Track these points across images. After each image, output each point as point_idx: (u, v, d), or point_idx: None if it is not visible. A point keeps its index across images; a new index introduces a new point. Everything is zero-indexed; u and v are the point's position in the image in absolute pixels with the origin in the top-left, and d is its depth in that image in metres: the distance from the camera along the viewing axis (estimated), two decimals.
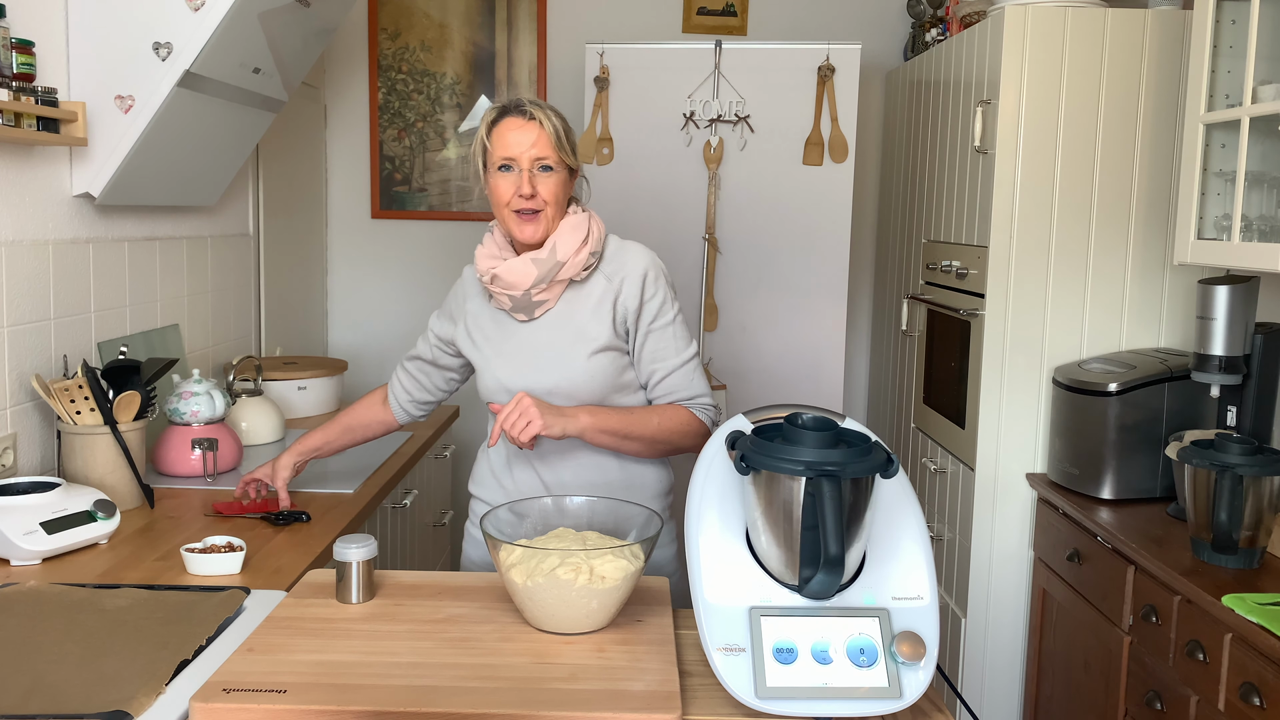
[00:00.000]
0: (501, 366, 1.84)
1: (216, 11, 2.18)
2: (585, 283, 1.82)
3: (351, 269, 3.92)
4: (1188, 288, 2.64)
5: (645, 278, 1.80)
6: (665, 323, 1.82)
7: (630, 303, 1.80)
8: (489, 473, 1.94)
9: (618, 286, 1.80)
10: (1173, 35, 2.56)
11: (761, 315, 3.24)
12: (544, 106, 1.77)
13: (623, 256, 1.83)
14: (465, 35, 3.79)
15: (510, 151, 1.74)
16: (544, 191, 1.74)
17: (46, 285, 2.17)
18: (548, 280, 1.77)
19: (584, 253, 1.78)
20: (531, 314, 1.82)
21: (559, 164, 1.76)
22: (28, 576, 1.68)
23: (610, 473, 1.86)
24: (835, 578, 1.19)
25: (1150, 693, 2.04)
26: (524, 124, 1.74)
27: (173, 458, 2.31)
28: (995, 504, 2.69)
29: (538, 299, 1.79)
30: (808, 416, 1.28)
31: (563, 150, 1.76)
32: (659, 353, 1.82)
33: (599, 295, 1.81)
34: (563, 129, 1.77)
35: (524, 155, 1.74)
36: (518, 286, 1.77)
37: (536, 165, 1.74)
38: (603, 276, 1.82)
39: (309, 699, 1.19)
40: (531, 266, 1.76)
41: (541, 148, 1.74)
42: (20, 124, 1.96)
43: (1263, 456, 1.92)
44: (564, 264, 1.77)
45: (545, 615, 1.38)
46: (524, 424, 1.67)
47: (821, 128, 3.15)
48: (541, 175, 1.75)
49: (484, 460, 1.96)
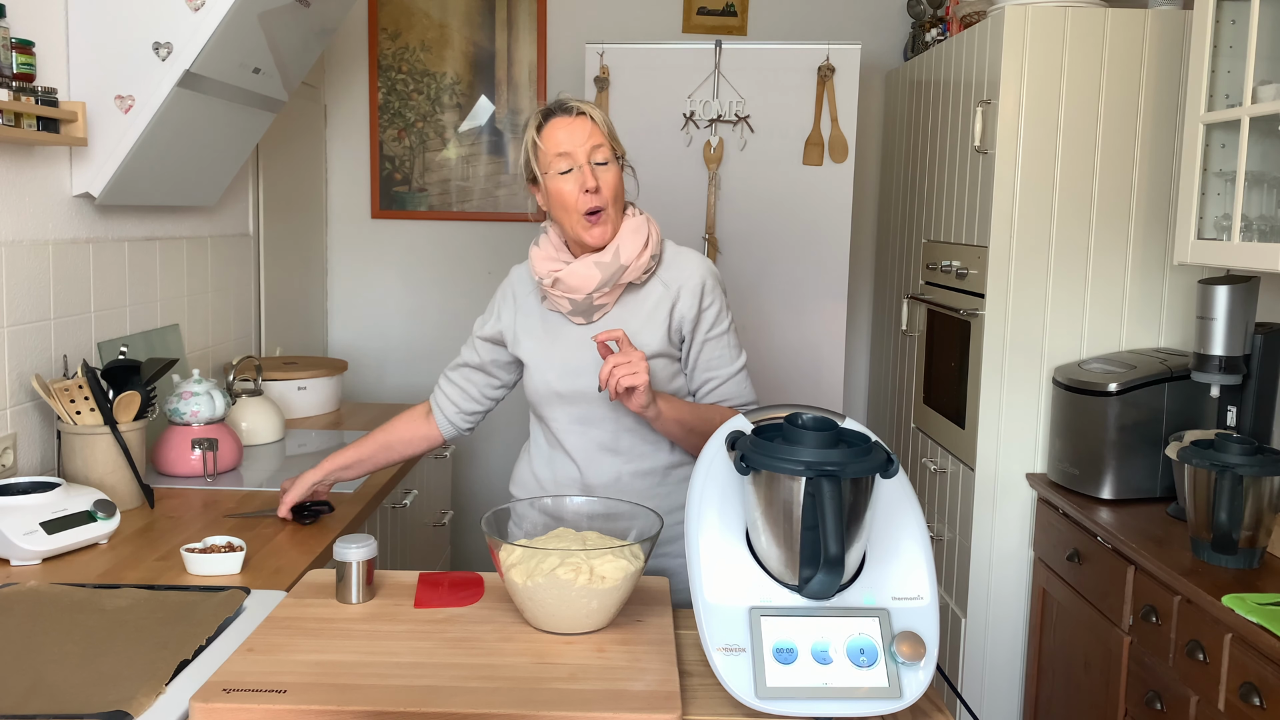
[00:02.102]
0: (553, 370, 1.81)
1: (216, 11, 2.18)
2: (642, 287, 1.81)
3: (351, 269, 3.93)
4: (1188, 288, 2.64)
5: (704, 286, 1.79)
6: (720, 331, 1.82)
7: (688, 311, 1.78)
8: (530, 474, 1.92)
9: (674, 294, 1.79)
10: (1173, 35, 2.56)
11: (761, 315, 3.24)
12: (586, 102, 1.76)
13: (680, 263, 1.82)
14: (465, 35, 3.79)
15: (565, 147, 1.71)
16: (605, 186, 1.73)
17: (46, 285, 2.17)
18: (611, 284, 1.76)
19: (645, 256, 1.77)
20: (590, 317, 1.80)
21: (610, 156, 1.75)
22: (28, 576, 1.68)
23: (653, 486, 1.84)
24: (835, 578, 1.19)
25: (1150, 693, 2.04)
26: (572, 120, 1.73)
27: (173, 458, 2.31)
28: (995, 504, 2.69)
29: (598, 302, 1.78)
30: (808, 416, 1.28)
31: (614, 140, 1.76)
32: (714, 361, 1.82)
33: (655, 301, 1.80)
34: (606, 119, 1.76)
35: (580, 150, 1.71)
36: (581, 290, 1.75)
37: (594, 158, 1.72)
38: (659, 282, 1.80)
39: (309, 699, 1.19)
40: (595, 270, 1.74)
41: (595, 139, 1.72)
42: (20, 124, 1.96)
43: (1263, 456, 1.92)
44: (627, 267, 1.75)
45: (545, 615, 1.38)
46: (631, 374, 1.62)
47: (821, 128, 3.16)
48: (600, 169, 1.73)
49: (525, 461, 1.95)
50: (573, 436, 1.83)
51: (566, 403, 1.81)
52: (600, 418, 1.81)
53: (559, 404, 1.82)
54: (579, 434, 1.82)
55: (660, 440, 1.83)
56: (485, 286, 3.78)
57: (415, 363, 3.95)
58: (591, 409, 1.81)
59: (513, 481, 1.97)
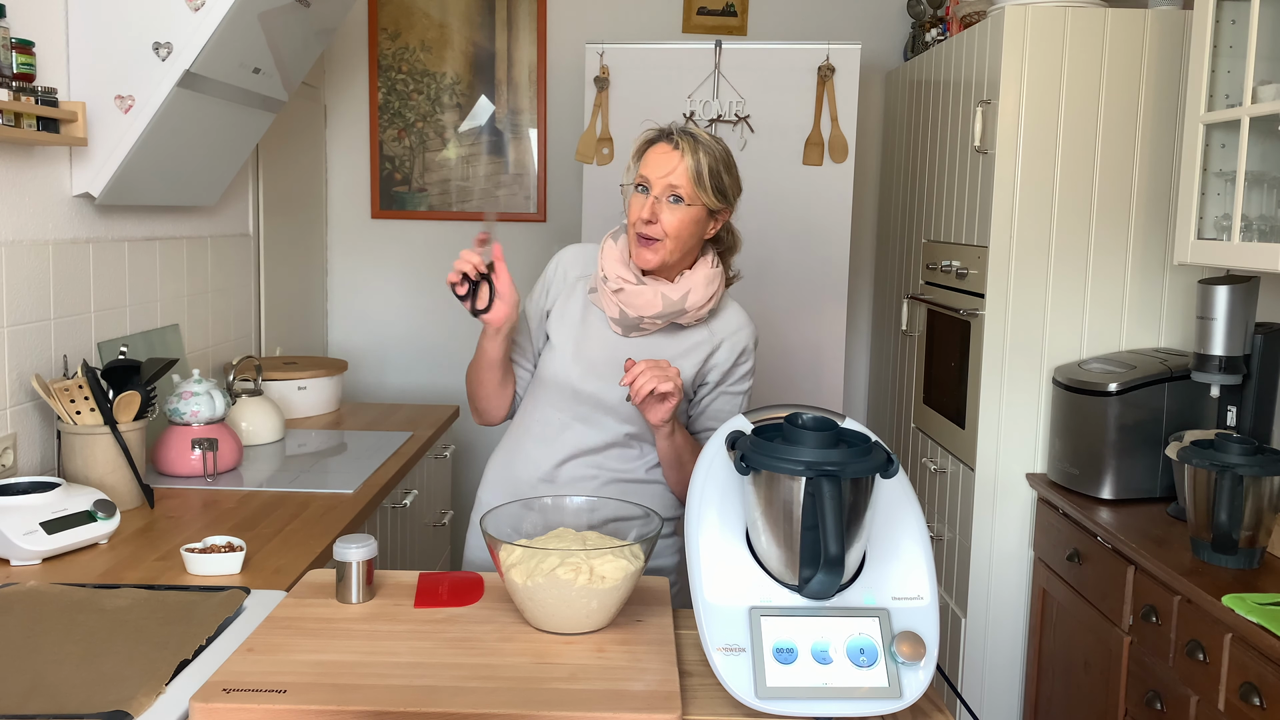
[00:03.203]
0: (578, 366, 1.82)
1: (216, 11, 2.18)
2: (688, 327, 1.84)
3: (351, 269, 3.93)
4: (1188, 288, 2.64)
5: (746, 348, 1.85)
6: (741, 390, 1.87)
7: (723, 363, 1.83)
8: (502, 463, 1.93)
9: (717, 342, 1.83)
10: (1173, 35, 2.56)
11: (761, 315, 3.24)
12: (699, 140, 1.73)
13: (729, 315, 1.86)
14: (465, 35, 3.78)
15: (648, 172, 1.73)
16: (666, 222, 1.72)
17: (46, 285, 2.17)
18: (667, 319, 1.79)
19: (705, 309, 1.80)
20: (628, 334, 1.82)
21: (692, 198, 1.72)
22: (28, 576, 1.68)
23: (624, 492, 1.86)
24: (835, 578, 1.19)
25: (1150, 693, 2.04)
26: (669, 151, 1.73)
27: (173, 458, 2.31)
28: (995, 504, 2.69)
29: (645, 327, 1.80)
30: (808, 416, 1.28)
31: (701, 188, 1.71)
32: (721, 413, 1.87)
33: (695, 341, 1.83)
34: (709, 166, 1.71)
35: (658, 181, 1.72)
36: (637, 310, 1.77)
37: (668, 194, 1.72)
38: (706, 329, 1.84)
39: (309, 699, 1.19)
40: (659, 301, 1.76)
41: (677, 177, 1.71)
42: (20, 124, 1.96)
43: (1263, 456, 1.92)
44: (688, 311, 1.78)
45: (545, 615, 1.38)
46: (664, 380, 1.63)
47: (821, 128, 3.15)
48: (670, 205, 1.72)
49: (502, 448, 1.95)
50: (562, 430, 1.84)
51: (575, 400, 1.83)
52: (598, 421, 1.83)
53: (565, 398, 1.84)
54: (568, 428, 1.84)
55: (641, 458, 1.86)
56: None
57: (415, 363, 3.95)
58: (592, 412, 1.83)
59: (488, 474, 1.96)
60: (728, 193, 1.76)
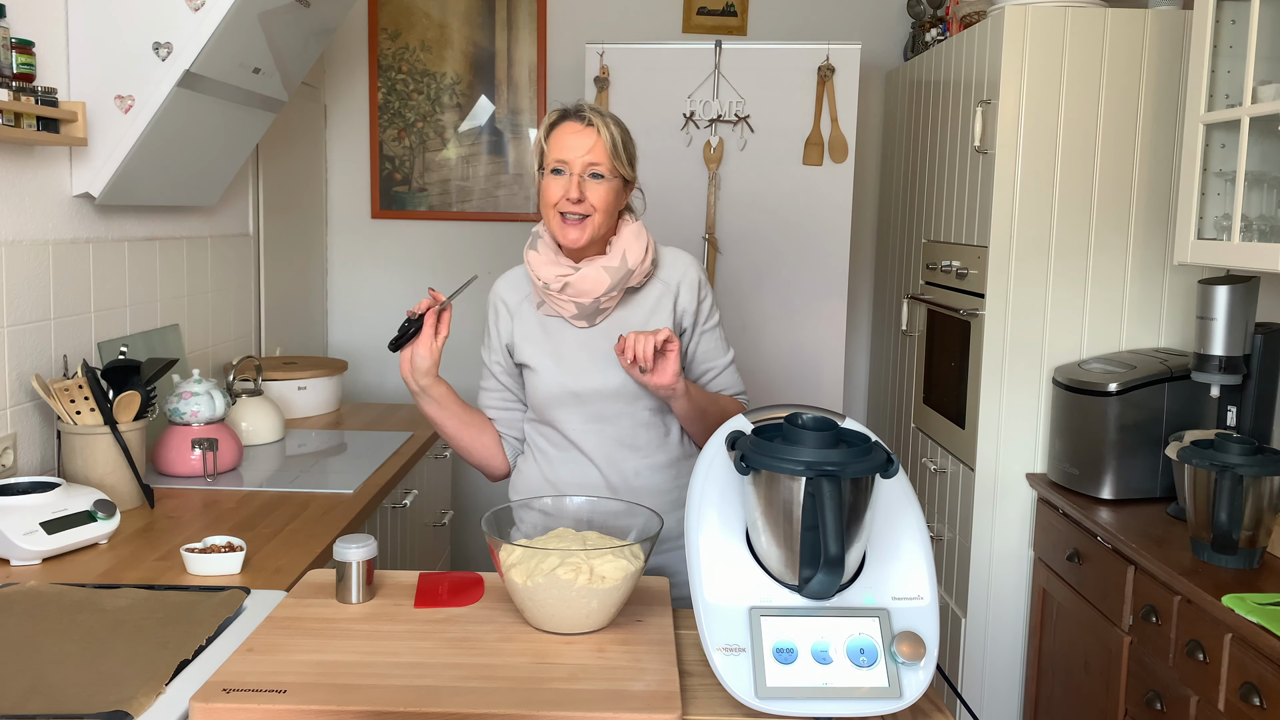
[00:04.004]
0: (565, 371, 1.82)
1: (216, 11, 2.18)
2: (641, 288, 1.85)
3: (351, 269, 3.92)
4: (1188, 288, 2.64)
5: (699, 281, 1.87)
6: (715, 323, 1.90)
7: (689, 305, 1.85)
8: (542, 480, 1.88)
9: (675, 290, 1.85)
10: (1173, 35, 2.56)
11: (761, 315, 3.24)
12: (604, 114, 1.77)
13: (672, 261, 1.88)
14: (465, 35, 3.78)
15: (564, 155, 1.74)
16: (593, 198, 1.74)
17: (46, 285, 2.17)
18: (619, 287, 1.79)
19: (648, 260, 1.81)
20: (594, 321, 1.83)
21: (612, 172, 1.76)
22: (28, 576, 1.68)
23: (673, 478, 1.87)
24: (835, 578, 1.19)
25: (1150, 693, 2.04)
26: (581, 129, 1.75)
27: (173, 458, 2.31)
28: (995, 504, 2.69)
29: (603, 306, 1.81)
30: (808, 416, 1.28)
31: (618, 159, 1.76)
32: (711, 352, 1.90)
33: (655, 298, 1.85)
34: (621, 138, 1.77)
35: (577, 160, 1.74)
36: (591, 294, 1.78)
37: (588, 171, 1.74)
38: (659, 281, 1.86)
39: (309, 699, 1.19)
40: (604, 274, 1.77)
41: (596, 154, 1.74)
42: (20, 124, 1.96)
43: (1263, 456, 1.92)
44: (633, 271, 1.79)
45: (545, 615, 1.38)
46: (647, 339, 1.64)
47: (821, 128, 3.15)
48: (592, 182, 1.74)
49: (531, 469, 1.90)
50: (590, 437, 1.84)
51: (581, 402, 1.83)
52: (616, 414, 1.83)
53: (573, 404, 1.83)
54: (595, 433, 1.83)
55: (670, 432, 1.87)
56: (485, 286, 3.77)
57: None
58: (605, 406, 1.82)
59: (519, 492, 1.92)
60: (634, 160, 1.82)
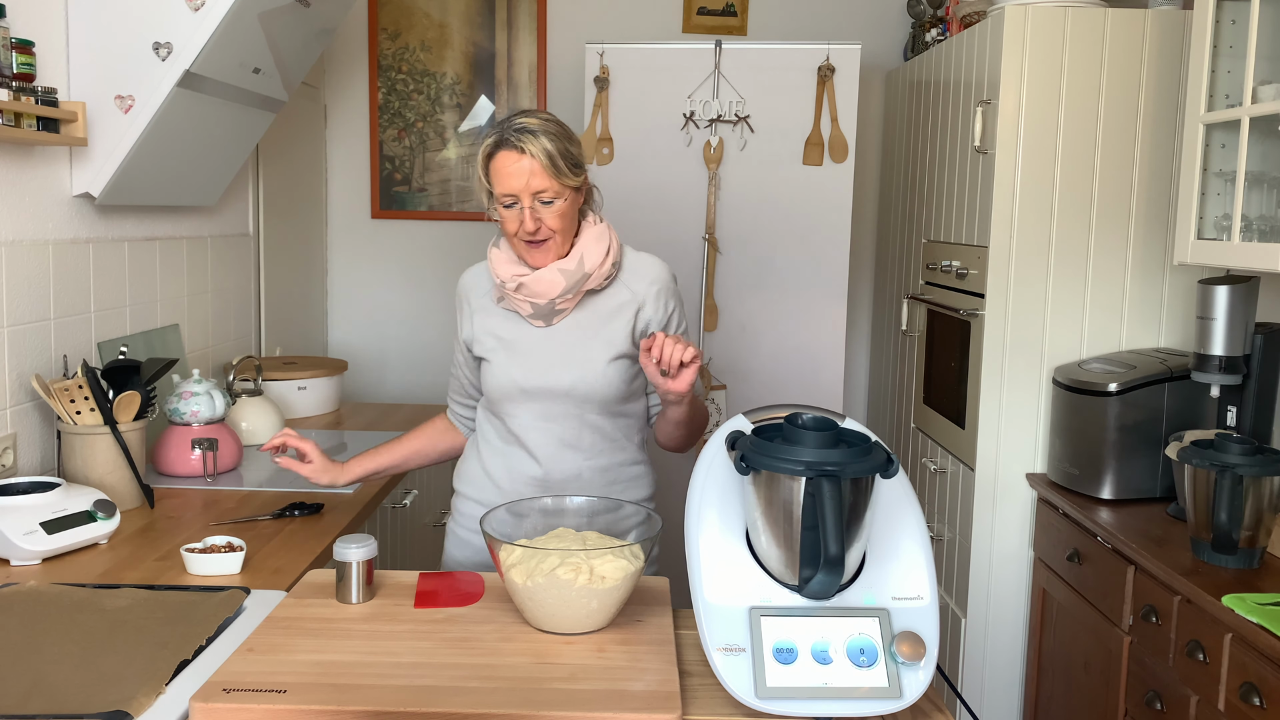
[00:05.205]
0: (517, 366, 1.83)
1: (216, 11, 2.18)
2: (603, 291, 1.84)
3: (351, 269, 3.93)
4: (1188, 288, 2.64)
5: (668, 289, 1.85)
6: (681, 332, 1.88)
7: (654, 316, 1.83)
8: (480, 470, 1.92)
9: (640, 298, 1.83)
10: (1173, 35, 2.56)
11: (761, 315, 3.24)
12: (534, 132, 1.70)
13: (641, 267, 1.86)
14: (465, 35, 3.79)
15: (508, 188, 1.71)
16: (549, 221, 1.73)
17: (46, 285, 2.17)
18: (574, 291, 1.78)
19: (607, 264, 1.80)
20: (550, 321, 1.83)
21: (558, 191, 1.72)
22: (28, 576, 1.68)
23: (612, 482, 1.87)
24: (835, 578, 1.19)
25: (1150, 693, 2.04)
26: (517, 158, 1.70)
27: (173, 458, 2.31)
28: (995, 504, 2.69)
29: (559, 307, 1.80)
30: (808, 416, 1.28)
31: (560, 175, 1.71)
32: None
33: (619, 304, 1.83)
34: (558, 151, 1.70)
35: (523, 191, 1.71)
36: (544, 296, 1.78)
37: (537, 199, 1.72)
38: (624, 287, 1.84)
39: (309, 699, 1.19)
40: (560, 277, 1.76)
41: (537, 180, 1.70)
42: (20, 124, 1.96)
43: (1263, 456, 1.92)
44: (590, 274, 1.78)
45: (545, 615, 1.38)
46: (683, 350, 1.63)
47: (821, 128, 3.15)
48: (544, 208, 1.72)
49: (473, 458, 1.95)
50: (534, 433, 1.84)
51: (530, 399, 1.83)
52: (563, 414, 1.83)
53: (523, 400, 1.83)
54: (541, 430, 1.84)
55: (619, 438, 1.87)
56: None
57: (415, 363, 3.95)
58: (554, 405, 1.82)
59: (459, 478, 1.98)
60: (580, 161, 1.76)
